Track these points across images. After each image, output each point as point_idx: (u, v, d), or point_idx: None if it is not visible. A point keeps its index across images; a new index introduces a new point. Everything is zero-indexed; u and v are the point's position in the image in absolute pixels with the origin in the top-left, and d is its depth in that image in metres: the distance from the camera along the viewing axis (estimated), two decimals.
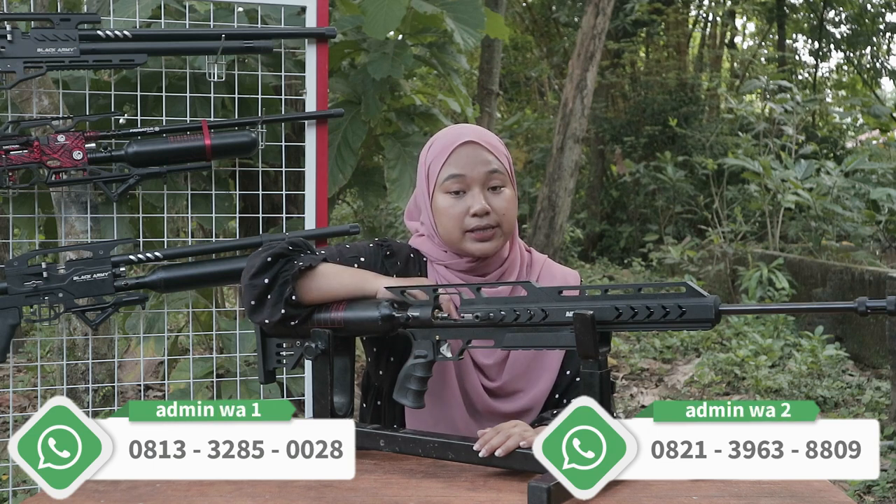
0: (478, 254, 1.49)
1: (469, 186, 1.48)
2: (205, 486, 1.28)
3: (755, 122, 8.37)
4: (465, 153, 1.49)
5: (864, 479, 3.14)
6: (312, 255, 1.47)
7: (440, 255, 1.54)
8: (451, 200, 1.48)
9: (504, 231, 1.50)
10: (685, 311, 1.18)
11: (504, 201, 1.49)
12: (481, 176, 1.48)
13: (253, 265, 1.41)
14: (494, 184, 1.49)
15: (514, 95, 14.98)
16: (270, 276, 1.40)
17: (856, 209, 6.83)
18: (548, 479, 1.13)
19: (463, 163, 1.48)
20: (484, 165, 1.48)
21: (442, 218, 1.50)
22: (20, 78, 1.98)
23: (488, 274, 1.53)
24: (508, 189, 1.51)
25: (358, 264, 1.51)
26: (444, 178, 1.49)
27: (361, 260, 1.52)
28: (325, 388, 1.45)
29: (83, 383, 2.16)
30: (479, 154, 1.49)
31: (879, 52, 14.24)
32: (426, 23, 2.96)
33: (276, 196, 2.51)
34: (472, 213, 1.47)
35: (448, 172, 1.48)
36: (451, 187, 1.48)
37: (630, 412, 4.25)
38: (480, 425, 1.47)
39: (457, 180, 1.48)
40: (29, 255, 2.01)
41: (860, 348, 5.12)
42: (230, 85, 2.23)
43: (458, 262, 1.52)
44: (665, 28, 12.53)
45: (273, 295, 1.40)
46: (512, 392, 1.51)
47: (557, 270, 1.61)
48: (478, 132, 1.52)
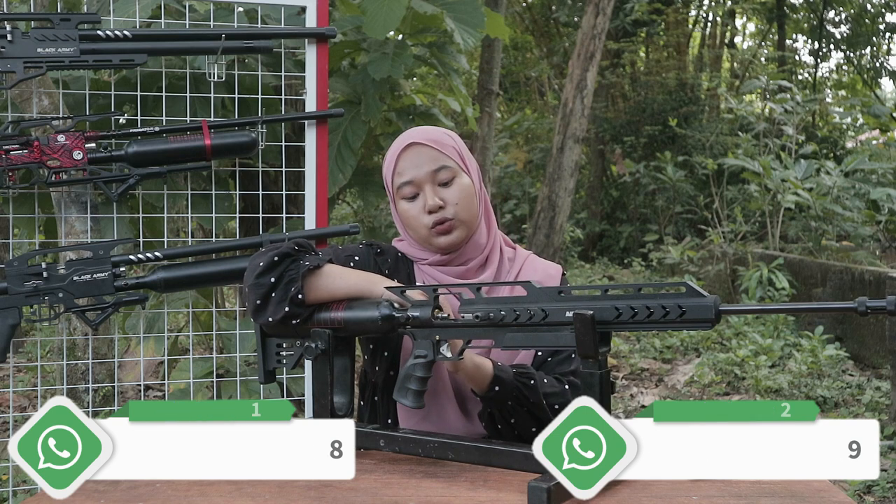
0: (444, 246, 1.54)
1: (420, 187, 1.54)
2: (205, 486, 1.28)
3: (755, 122, 8.38)
4: (409, 157, 1.54)
5: (865, 479, 3.14)
6: (317, 256, 1.48)
7: (419, 254, 1.60)
8: (409, 205, 1.55)
9: (462, 220, 1.54)
10: (685, 311, 1.18)
11: (455, 191, 1.53)
12: (428, 175, 1.53)
13: (258, 264, 1.42)
14: (443, 179, 1.54)
15: (514, 95, 14.99)
16: (276, 274, 1.41)
17: (856, 209, 6.83)
18: (548, 479, 1.13)
19: (409, 167, 1.54)
20: (429, 164, 1.53)
21: (407, 221, 1.57)
22: (20, 78, 1.98)
23: (470, 262, 1.58)
24: (462, 179, 1.55)
25: (353, 263, 1.54)
26: (398, 186, 1.55)
27: (356, 259, 1.56)
28: (325, 388, 1.45)
29: (83, 383, 2.16)
30: (423, 154, 1.54)
31: (879, 52, 14.24)
32: (426, 23, 2.96)
33: (276, 196, 2.50)
34: (427, 211, 1.52)
35: (399, 181, 1.55)
36: (405, 193, 1.55)
37: (630, 412, 4.25)
38: (470, 418, 1.51)
39: (408, 185, 1.54)
40: (29, 255, 2.01)
41: (860, 348, 5.12)
42: (230, 85, 2.23)
43: (436, 258, 1.58)
44: (665, 28, 12.53)
45: (278, 293, 1.40)
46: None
47: (539, 264, 1.65)
48: (421, 132, 1.57)
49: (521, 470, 1.28)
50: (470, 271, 1.57)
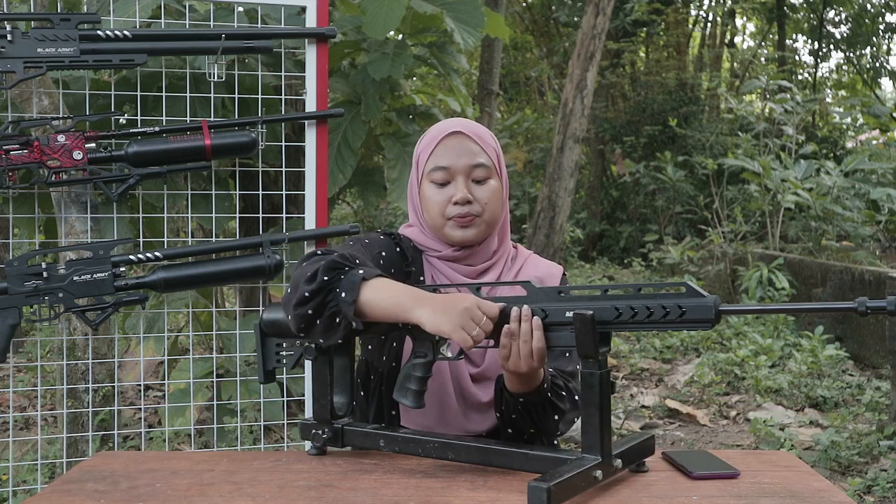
0: (458, 239, 1.53)
1: (453, 177, 1.53)
2: (205, 486, 1.28)
3: (755, 122, 8.38)
4: (451, 144, 1.53)
5: (864, 480, 3.14)
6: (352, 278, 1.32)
7: (427, 243, 1.59)
8: (436, 190, 1.53)
9: (486, 220, 1.53)
10: (685, 311, 1.18)
11: (487, 192, 1.53)
12: (465, 167, 1.52)
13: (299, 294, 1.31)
14: (478, 175, 1.53)
15: (514, 95, 14.99)
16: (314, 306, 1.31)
17: (856, 209, 6.83)
18: (548, 479, 1.13)
19: (448, 154, 1.53)
20: (469, 157, 1.52)
21: (427, 204, 1.55)
22: (20, 78, 1.98)
23: (475, 265, 1.57)
24: (494, 181, 1.55)
25: (383, 261, 1.52)
26: (431, 169, 1.54)
27: (383, 255, 1.54)
28: (325, 388, 1.45)
29: (83, 383, 2.16)
30: (466, 145, 1.53)
31: (879, 52, 14.25)
32: (426, 23, 2.96)
33: (276, 196, 2.51)
34: (453, 202, 1.51)
35: (434, 164, 1.53)
36: (436, 178, 1.53)
37: (630, 412, 4.25)
38: (466, 413, 1.51)
39: (442, 171, 1.52)
40: (29, 255, 2.01)
41: (860, 348, 5.12)
42: (230, 85, 2.23)
43: (444, 251, 1.57)
44: (665, 28, 12.54)
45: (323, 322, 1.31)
46: (493, 377, 1.52)
47: (541, 264, 1.64)
48: (468, 124, 1.56)
49: (521, 470, 1.28)
50: (475, 272, 1.57)
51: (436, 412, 1.52)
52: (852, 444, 3.48)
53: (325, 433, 1.45)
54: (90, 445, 2.16)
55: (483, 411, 1.52)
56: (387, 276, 1.36)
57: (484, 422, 1.53)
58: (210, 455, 1.48)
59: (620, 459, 1.25)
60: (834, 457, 3.36)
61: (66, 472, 1.86)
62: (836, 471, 3.33)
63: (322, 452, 1.47)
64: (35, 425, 3.56)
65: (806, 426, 3.93)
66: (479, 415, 1.52)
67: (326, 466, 1.39)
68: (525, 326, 1.28)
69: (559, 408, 1.45)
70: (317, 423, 1.47)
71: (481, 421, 1.53)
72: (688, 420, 4.16)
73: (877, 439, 3.52)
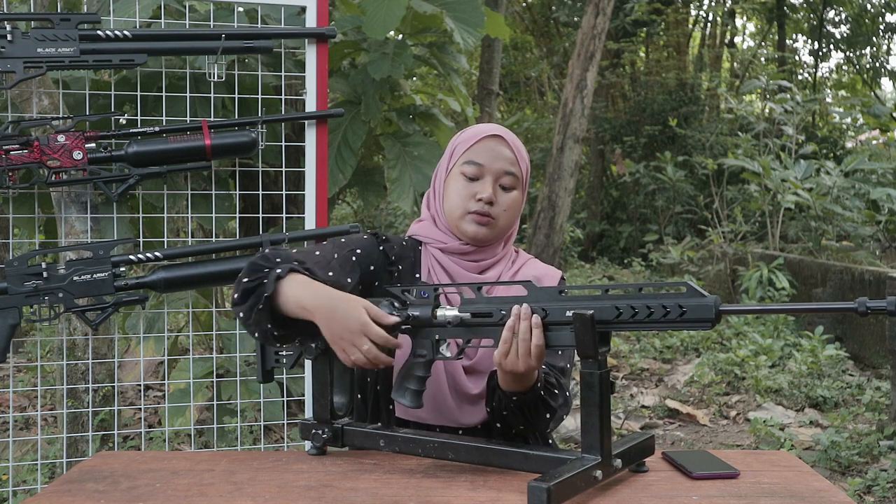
0: (471, 234, 1.56)
1: (483, 175, 1.56)
2: (205, 486, 1.28)
3: (755, 122, 8.38)
4: (490, 145, 1.58)
5: (864, 480, 3.14)
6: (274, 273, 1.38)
7: (437, 236, 1.61)
8: (464, 182, 1.57)
9: (500, 226, 1.58)
10: (685, 311, 1.18)
11: (509, 200, 1.58)
12: (498, 170, 1.57)
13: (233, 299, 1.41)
14: (506, 182, 1.58)
15: (514, 95, 14.99)
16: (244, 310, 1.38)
17: (856, 209, 6.83)
18: (548, 479, 1.13)
19: (485, 153, 1.57)
20: (503, 162, 1.57)
21: (450, 193, 1.58)
22: (20, 78, 1.98)
23: (478, 261, 1.60)
24: (517, 193, 1.60)
25: (356, 257, 1.54)
26: (464, 162, 1.58)
27: (358, 252, 1.56)
28: (325, 388, 1.45)
29: (83, 383, 2.16)
30: (504, 151, 1.58)
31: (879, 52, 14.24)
32: (426, 23, 2.96)
33: (276, 196, 2.51)
34: (477, 198, 1.55)
35: (469, 157, 1.57)
36: (466, 171, 1.57)
37: (630, 412, 4.25)
38: (459, 405, 1.51)
39: (475, 167, 1.56)
40: (29, 255, 2.01)
41: (860, 348, 5.12)
42: (230, 85, 2.23)
43: (450, 244, 1.59)
44: (665, 28, 12.53)
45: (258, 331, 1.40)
46: (485, 370, 1.52)
47: (541, 266, 1.67)
48: (510, 134, 1.62)
49: (521, 470, 1.28)
50: (476, 268, 1.59)
51: (430, 404, 1.52)
52: (852, 444, 3.48)
53: (325, 433, 1.45)
54: (90, 445, 2.16)
55: (476, 403, 1.53)
56: (305, 274, 1.38)
57: (476, 414, 1.53)
58: (210, 455, 1.48)
59: (620, 459, 1.25)
60: (834, 457, 3.36)
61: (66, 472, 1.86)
62: (836, 471, 3.33)
63: (322, 452, 1.47)
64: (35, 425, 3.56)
65: (806, 426, 3.93)
66: (472, 406, 1.53)
67: (326, 466, 1.39)
68: (524, 324, 1.28)
69: (551, 406, 1.45)
70: (317, 423, 1.47)
71: (474, 413, 1.53)
72: (688, 420, 4.16)
73: (877, 439, 3.52)
